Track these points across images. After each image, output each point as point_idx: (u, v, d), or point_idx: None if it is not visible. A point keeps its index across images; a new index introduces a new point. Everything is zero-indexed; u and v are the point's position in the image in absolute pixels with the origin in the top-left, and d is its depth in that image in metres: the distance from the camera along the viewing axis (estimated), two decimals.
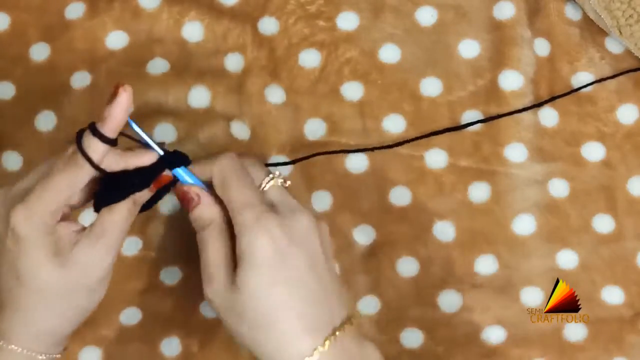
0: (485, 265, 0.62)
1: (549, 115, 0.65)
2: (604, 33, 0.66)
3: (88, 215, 0.52)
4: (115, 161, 0.49)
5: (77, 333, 0.60)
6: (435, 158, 0.64)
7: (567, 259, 0.63)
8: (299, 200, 0.52)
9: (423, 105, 0.65)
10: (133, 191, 0.50)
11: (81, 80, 0.64)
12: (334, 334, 0.48)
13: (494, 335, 0.61)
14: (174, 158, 0.51)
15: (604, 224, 0.63)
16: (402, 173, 0.63)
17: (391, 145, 0.63)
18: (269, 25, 0.65)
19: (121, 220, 0.49)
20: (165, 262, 0.62)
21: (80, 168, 0.47)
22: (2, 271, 0.49)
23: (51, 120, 0.63)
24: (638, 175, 0.64)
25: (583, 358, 0.61)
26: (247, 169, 0.52)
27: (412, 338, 0.61)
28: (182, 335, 0.60)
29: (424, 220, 0.63)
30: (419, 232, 0.63)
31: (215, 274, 0.49)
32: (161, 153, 0.51)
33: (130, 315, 0.61)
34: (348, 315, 0.50)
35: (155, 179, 0.51)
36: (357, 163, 0.63)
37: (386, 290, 0.62)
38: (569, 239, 0.63)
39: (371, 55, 0.65)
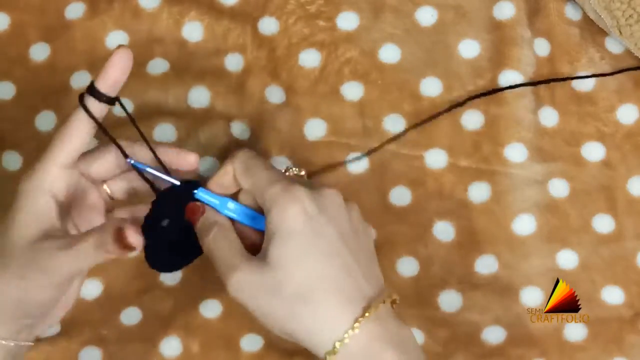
0: (485, 265, 0.62)
1: (549, 115, 0.65)
2: (604, 33, 0.66)
3: None
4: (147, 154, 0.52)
5: (77, 333, 0.60)
6: (435, 158, 0.64)
7: (567, 259, 0.63)
8: None
9: (423, 105, 0.65)
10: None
11: (81, 80, 0.64)
12: (370, 307, 0.46)
13: (494, 335, 0.61)
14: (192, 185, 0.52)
15: (604, 224, 0.63)
16: (402, 173, 0.63)
17: (390, 140, 0.63)
18: (269, 25, 0.65)
19: (94, 240, 0.47)
20: None
21: (78, 121, 0.48)
22: None
23: (51, 120, 0.63)
24: (638, 175, 0.64)
25: (583, 358, 0.61)
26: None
27: None
28: (182, 335, 0.60)
29: (424, 220, 0.63)
30: (419, 232, 0.63)
31: (236, 263, 0.48)
32: (177, 183, 0.52)
33: (130, 315, 0.61)
34: (383, 293, 0.48)
35: (184, 207, 0.51)
36: (357, 163, 0.63)
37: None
38: (569, 239, 0.63)
39: (371, 55, 0.65)
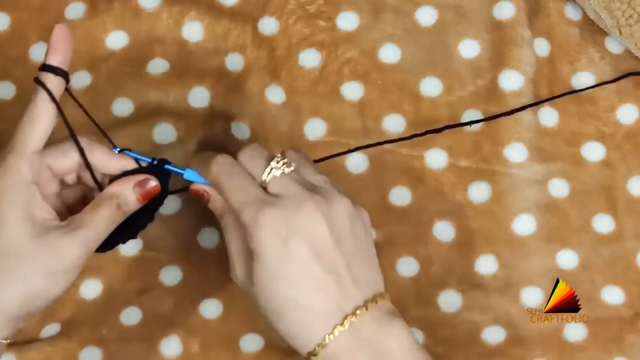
0: (485, 265, 0.62)
1: (549, 115, 0.65)
2: (604, 33, 0.66)
3: None
4: (109, 159, 0.51)
5: (77, 333, 0.60)
6: (435, 158, 0.64)
7: (567, 259, 0.62)
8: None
9: (423, 105, 0.65)
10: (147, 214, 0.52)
11: (81, 80, 0.64)
12: (345, 320, 0.48)
13: (494, 335, 0.61)
14: (163, 164, 0.53)
15: (604, 224, 0.63)
16: (402, 173, 0.63)
17: (391, 141, 0.63)
18: (269, 25, 0.65)
19: (101, 220, 0.49)
20: (165, 262, 0.62)
21: (42, 103, 0.49)
22: None
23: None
24: (638, 175, 0.64)
25: (583, 358, 0.61)
26: (246, 164, 0.51)
27: None
28: (182, 335, 0.60)
29: (424, 220, 0.63)
30: (419, 232, 0.63)
31: (235, 263, 0.51)
32: (148, 160, 0.53)
33: (130, 315, 0.61)
34: (369, 297, 0.49)
35: (166, 182, 0.52)
36: (357, 163, 0.63)
37: (386, 290, 0.62)
38: (569, 239, 0.63)
39: (371, 55, 0.65)
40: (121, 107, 0.64)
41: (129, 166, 0.52)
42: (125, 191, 0.51)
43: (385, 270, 0.62)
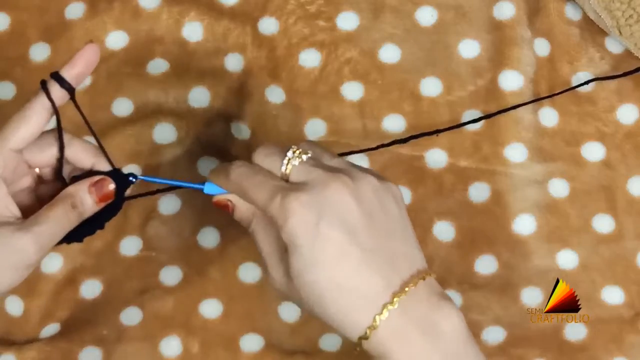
0: (485, 265, 0.62)
1: (548, 115, 0.65)
2: (604, 33, 0.66)
3: None
4: (85, 154, 0.50)
5: (77, 333, 0.60)
6: (435, 158, 0.64)
7: (567, 259, 0.62)
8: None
9: (423, 105, 0.65)
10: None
11: None
12: (395, 298, 0.46)
13: (494, 335, 0.61)
14: (120, 175, 0.51)
15: (604, 224, 0.63)
16: (402, 173, 0.63)
17: (393, 143, 0.63)
18: (269, 25, 0.65)
19: (55, 218, 0.48)
20: (165, 262, 0.62)
21: (38, 105, 0.48)
22: None
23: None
24: (638, 175, 0.64)
25: (583, 358, 0.61)
26: (263, 163, 0.50)
27: None
28: (182, 335, 0.60)
29: (424, 220, 0.63)
30: (419, 232, 0.62)
31: (270, 265, 0.49)
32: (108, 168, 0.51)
33: (130, 315, 0.61)
34: (414, 274, 0.47)
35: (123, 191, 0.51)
36: (357, 163, 0.63)
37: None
38: (569, 239, 0.63)
39: (371, 55, 0.65)
40: (121, 107, 0.64)
41: (101, 164, 0.51)
42: (80, 191, 0.49)
43: None
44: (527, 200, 0.63)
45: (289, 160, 0.49)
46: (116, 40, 0.65)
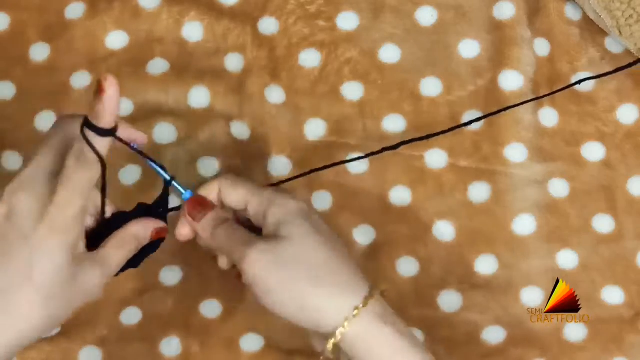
0: (485, 265, 0.62)
1: (548, 115, 0.65)
2: (604, 33, 0.66)
3: None
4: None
5: (77, 333, 0.60)
6: (435, 158, 0.64)
7: (567, 259, 0.62)
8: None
9: (423, 105, 0.65)
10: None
11: (81, 80, 0.64)
12: (372, 295, 0.50)
13: (494, 335, 0.61)
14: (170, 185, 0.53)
15: (604, 224, 0.63)
16: (402, 173, 0.63)
17: (394, 146, 0.63)
18: (269, 25, 0.65)
19: (123, 258, 0.50)
20: (165, 262, 0.62)
21: (95, 164, 0.44)
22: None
23: (51, 120, 0.63)
24: (638, 175, 0.64)
25: (583, 358, 0.61)
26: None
27: None
28: (182, 335, 0.60)
29: (424, 220, 0.63)
30: (419, 232, 0.63)
31: (253, 239, 0.50)
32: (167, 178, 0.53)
33: (130, 315, 0.61)
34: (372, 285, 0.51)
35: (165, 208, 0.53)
36: (357, 163, 0.63)
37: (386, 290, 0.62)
38: (569, 239, 0.63)
39: (371, 55, 0.65)
40: (121, 107, 0.64)
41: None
42: (146, 233, 0.51)
43: (386, 270, 0.62)
44: (527, 200, 0.63)
45: None
46: (116, 40, 0.65)
